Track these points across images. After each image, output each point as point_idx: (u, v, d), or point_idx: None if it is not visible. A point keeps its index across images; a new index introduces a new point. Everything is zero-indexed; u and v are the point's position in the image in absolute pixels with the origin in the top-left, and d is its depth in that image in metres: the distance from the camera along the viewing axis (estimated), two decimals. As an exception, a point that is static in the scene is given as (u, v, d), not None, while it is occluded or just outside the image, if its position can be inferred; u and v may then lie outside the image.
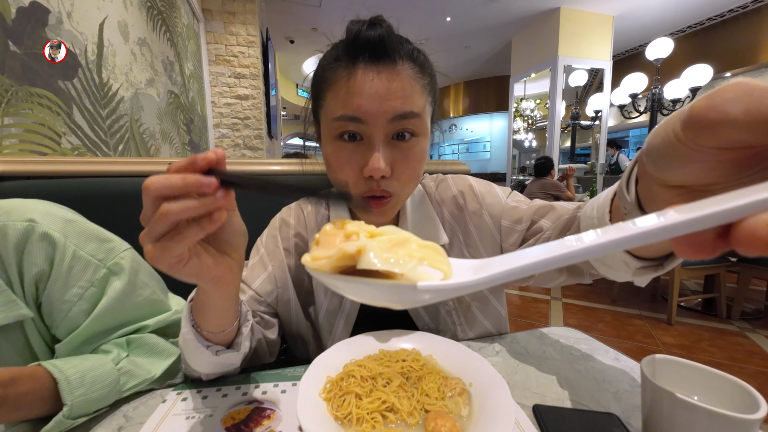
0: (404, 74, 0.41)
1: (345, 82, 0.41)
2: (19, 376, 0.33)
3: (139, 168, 0.81)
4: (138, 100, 1.58)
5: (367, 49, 0.40)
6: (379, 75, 0.40)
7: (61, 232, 0.40)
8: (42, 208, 0.41)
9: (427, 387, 0.38)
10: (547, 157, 3.36)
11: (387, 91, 0.40)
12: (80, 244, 0.41)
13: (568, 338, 0.55)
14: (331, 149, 0.44)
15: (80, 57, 1.14)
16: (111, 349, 0.44)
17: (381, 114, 0.41)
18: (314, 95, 0.47)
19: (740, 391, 0.30)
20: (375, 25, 0.41)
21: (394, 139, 0.43)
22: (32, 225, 0.38)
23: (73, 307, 0.40)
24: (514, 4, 4.12)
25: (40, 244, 0.38)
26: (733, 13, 4.36)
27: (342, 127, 0.42)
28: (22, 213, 0.39)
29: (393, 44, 0.41)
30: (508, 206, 0.54)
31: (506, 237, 0.53)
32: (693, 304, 2.38)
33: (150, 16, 1.79)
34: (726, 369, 0.30)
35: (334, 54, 0.44)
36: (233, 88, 3.14)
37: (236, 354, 0.40)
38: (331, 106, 0.43)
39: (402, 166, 0.43)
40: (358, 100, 0.40)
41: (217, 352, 0.38)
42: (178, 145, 2.17)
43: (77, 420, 0.36)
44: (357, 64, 0.41)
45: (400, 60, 0.41)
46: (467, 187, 0.57)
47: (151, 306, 0.47)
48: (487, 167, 7.84)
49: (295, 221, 0.58)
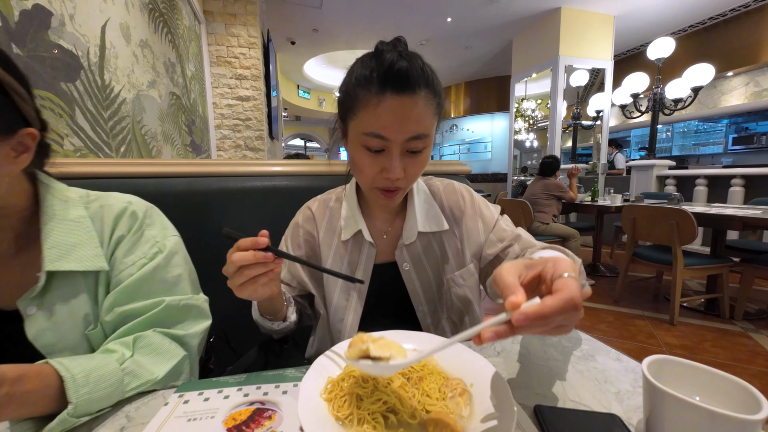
0: (421, 102, 0.50)
1: (374, 106, 0.50)
2: (26, 374, 0.34)
3: (140, 169, 0.82)
4: (140, 102, 1.58)
5: (394, 81, 0.48)
6: (403, 105, 0.49)
7: (142, 214, 0.53)
8: (134, 198, 0.55)
9: (428, 387, 0.38)
10: (554, 156, 3.19)
11: (407, 119, 0.50)
12: (149, 225, 0.54)
13: (569, 338, 0.55)
14: (359, 153, 0.54)
15: (82, 59, 1.15)
16: (116, 349, 0.44)
17: (400, 135, 0.50)
18: (344, 104, 0.55)
19: (742, 391, 0.30)
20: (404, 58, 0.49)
21: (408, 151, 0.53)
22: (129, 205, 0.53)
23: (126, 269, 0.49)
24: (514, 4, 4.12)
25: (129, 219, 0.52)
26: (734, 12, 4.35)
27: (369, 141, 0.52)
28: (122, 197, 0.54)
29: (415, 77, 0.49)
30: (499, 226, 0.66)
31: (488, 247, 0.65)
32: (696, 305, 2.37)
33: (152, 18, 1.80)
34: (729, 370, 0.30)
35: (364, 72, 0.51)
36: (234, 89, 3.15)
37: (289, 323, 0.60)
38: (361, 122, 0.52)
39: (411, 169, 0.54)
40: (384, 123, 0.50)
41: (277, 325, 0.59)
42: (179, 147, 2.18)
43: (81, 419, 0.37)
44: (385, 93, 0.49)
45: (419, 89, 0.49)
46: (468, 195, 0.69)
47: (174, 286, 0.52)
48: (488, 167, 7.83)
49: (303, 220, 0.68)
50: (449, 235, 0.65)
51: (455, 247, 0.65)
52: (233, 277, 0.43)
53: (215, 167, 0.89)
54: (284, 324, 0.59)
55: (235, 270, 0.42)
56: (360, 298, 0.63)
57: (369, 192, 0.59)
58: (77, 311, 0.47)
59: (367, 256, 0.63)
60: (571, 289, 0.29)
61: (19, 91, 0.42)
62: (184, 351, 0.50)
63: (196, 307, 0.54)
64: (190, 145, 2.42)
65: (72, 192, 0.51)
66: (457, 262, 0.65)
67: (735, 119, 5.40)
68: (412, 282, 0.63)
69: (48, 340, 0.44)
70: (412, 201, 0.65)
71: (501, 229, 0.65)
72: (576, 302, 0.28)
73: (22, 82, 0.42)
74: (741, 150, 5.38)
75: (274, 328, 0.59)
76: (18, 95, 0.42)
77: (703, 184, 3.36)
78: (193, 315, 0.53)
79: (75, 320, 0.47)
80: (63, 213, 0.48)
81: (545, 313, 0.28)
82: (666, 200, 2.68)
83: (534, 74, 4.72)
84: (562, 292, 0.29)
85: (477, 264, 0.66)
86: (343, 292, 0.64)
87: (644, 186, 3.74)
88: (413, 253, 0.64)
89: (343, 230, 0.64)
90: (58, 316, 0.45)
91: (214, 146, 3.12)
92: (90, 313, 0.48)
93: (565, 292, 0.29)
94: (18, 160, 0.43)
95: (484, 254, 0.65)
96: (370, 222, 0.65)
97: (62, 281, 0.46)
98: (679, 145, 6.24)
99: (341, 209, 0.67)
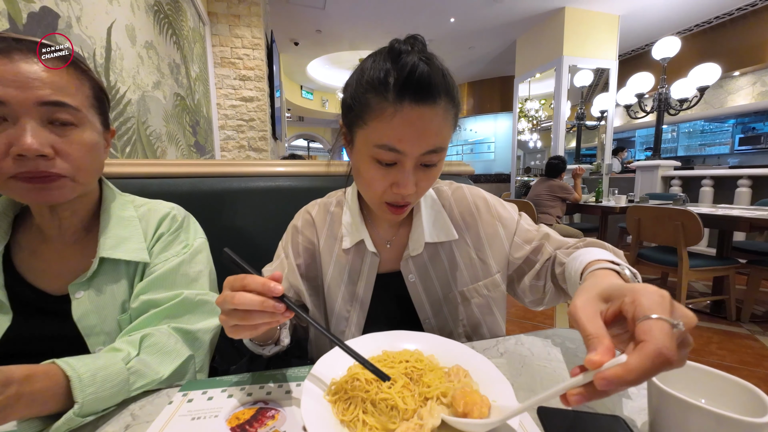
0: (441, 112, 0.45)
1: (390, 117, 0.44)
2: (34, 374, 0.34)
3: (145, 170, 0.82)
4: (145, 103, 1.59)
5: (415, 90, 0.42)
6: (422, 117, 0.44)
7: (181, 219, 0.61)
8: (176, 206, 0.63)
9: (428, 379, 0.38)
10: (561, 157, 3.13)
11: (425, 131, 0.45)
12: (185, 229, 0.60)
13: (573, 340, 0.54)
14: (367, 165, 0.49)
15: (89, 60, 1.16)
16: (122, 348, 0.45)
17: (417, 149, 0.45)
18: (353, 110, 0.48)
19: (749, 394, 0.29)
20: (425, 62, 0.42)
21: (422, 165, 0.48)
22: (172, 210, 0.61)
23: (158, 264, 0.55)
24: (518, 4, 4.11)
25: (170, 221, 0.59)
26: (741, 11, 4.30)
27: (381, 154, 0.46)
28: (167, 204, 0.62)
29: (437, 84, 0.43)
30: (522, 227, 0.62)
31: (515, 251, 0.60)
32: (701, 306, 2.35)
33: (157, 19, 1.81)
34: (735, 372, 0.30)
35: (378, 75, 0.44)
36: (238, 90, 3.17)
37: (281, 347, 0.50)
38: (373, 131, 0.46)
39: (423, 183, 0.50)
40: (400, 136, 0.44)
41: (268, 350, 0.49)
42: (183, 147, 2.19)
43: (87, 417, 0.37)
44: (403, 103, 0.43)
45: (439, 98, 0.44)
46: (482, 199, 0.64)
47: (195, 281, 0.57)
48: (491, 168, 7.80)
49: (302, 225, 0.64)
50: (460, 244, 0.61)
51: (468, 257, 0.61)
52: (229, 317, 0.35)
53: (219, 168, 0.89)
54: (276, 348, 0.50)
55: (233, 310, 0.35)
56: (362, 310, 0.60)
57: (376, 206, 0.54)
58: (117, 297, 0.53)
59: (369, 266, 0.59)
60: (656, 341, 0.24)
61: (108, 98, 0.54)
62: (189, 351, 0.50)
63: (210, 303, 0.56)
64: (194, 146, 2.43)
65: (124, 196, 0.61)
66: (471, 273, 0.60)
67: (742, 119, 5.35)
68: (418, 294, 0.60)
69: (90, 322, 0.50)
70: (418, 209, 0.60)
71: (525, 230, 0.61)
72: (666, 356, 0.23)
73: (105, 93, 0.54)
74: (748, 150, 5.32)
75: (264, 353, 0.50)
76: (108, 101, 0.54)
77: (709, 185, 3.33)
78: (207, 310, 0.56)
79: (114, 305, 0.52)
80: (119, 211, 0.56)
81: (630, 378, 0.23)
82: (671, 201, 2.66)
83: (538, 74, 4.70)
84: (647, 346, 0.24)
85: (505, 272, 0.62)
86: (345, 302, 0.60)
87: (649, 187, 3.71)
88: (419, 264, 0.59)
89: (345, 238, 0.60)
90: (101, 300, 0.51)
91: (218, 147, 3.13)
92: (127, 300, 0.54)
93: (650, 346, 0.24)
94: (107, 151, 0.55)
95: (511, 260, 0.60)
96: (373, 230, 0.61)
97: (109, 268, 0.53)
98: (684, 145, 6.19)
99: (342, 215, 0.63)
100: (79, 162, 0.47)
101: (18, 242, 0.53)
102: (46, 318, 0.51)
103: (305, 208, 0.67)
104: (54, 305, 0.51)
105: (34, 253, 0.53)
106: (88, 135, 0.48)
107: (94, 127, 0.50)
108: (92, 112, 0.50)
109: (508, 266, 0.61)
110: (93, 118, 0.50)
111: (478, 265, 0.61)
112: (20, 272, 0.51)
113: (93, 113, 0.50)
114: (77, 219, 0.54)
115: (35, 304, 0.51)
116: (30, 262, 0.52)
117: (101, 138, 0.52)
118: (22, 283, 0.51)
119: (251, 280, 0.35)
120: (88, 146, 0.48)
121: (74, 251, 0.54)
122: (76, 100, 0.46)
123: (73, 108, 0.46)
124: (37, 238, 0.53)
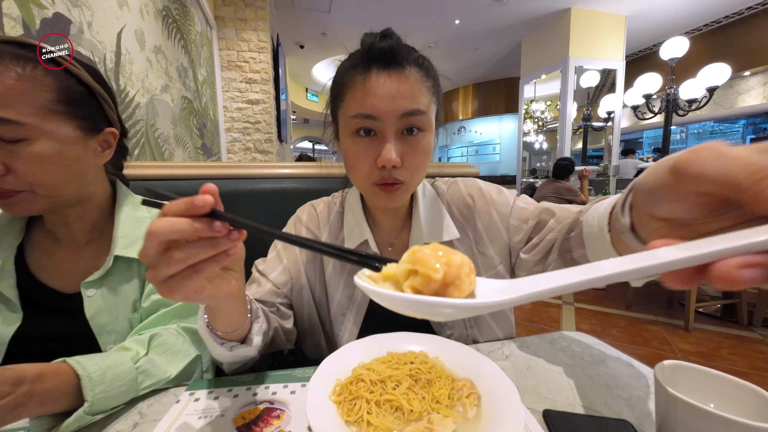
0: (411, 78, 0.47)
1: (361, 85, 0.47)
2: (45, 373, 0.35)
3: (153, 172, 0.84)
4: (153, 106, 1.62)
5: (380, 57, 0.46)
6: (390, 78, 0.46)
7: None
8: None
9: (438, 393, 0.38)
10: (569, 158, 3.06)
11: (397, 92, 0.46)
12: None
13: (579, 343, 0.54)
14: (349, 143, 0.50)
15: (99, 65, 1.18)
16: (131, 347, 0.46)
17: (392, 112, 0.46)
18: (333, 98, 0.53)
19: (758, 398, 0.29)
20: (386, 36, 0.47)
21: (404, 133, 0.48)
22: None
23: None
24: (523, 5, 4.09)
25: None
26: (752, 11, 4.24)
27: (358, 123, 0.48)
28: None
29: (401, 53, 0.47)
30: (517, 207, 0.58)
31: (513, 235, 0.57)
32: (712, 310, 2.31)
33: (165, 24, 1.84)
34: (746, 378, 0.29)
35: (351, 62, 0.50)
36: (244, 93, 3.20)
37: (249, 348, 0.43)
38: (349, 106, 0.49)
39: (410, 156, 0.49)
40: (372, 100, 0.46)
41: (232, 347, 0.42)
42: (191, 150, 2.22)
43: (96, 415, 0.38)
44: (371, 70, 0.46)
45: (407, 66, 0.47)
46: (476, 188, 0.62)
47: None
48: (496, 169, 7.76)
49: (307, 218, 0.64)
50: (463, 241, 0.60)
51: (470, 252, 0.59)
52: (157, 264, 0.26)
53: (225, 170, 0.90)
54: (242, 348, 0.41)
55: (159, 250, 0.26)
56: (359, 313, 0.58)
57: (368, 192, 0.52)
58: (129, 296, 0.53)
59: None
60: None
61: (105, 98, 0.52)
62: (196, 351, 0.51)
63: None
64: (201, 148, 2.46)
65: (137, 197, 0.61)
66: None
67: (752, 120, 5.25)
68: None
69: (102, 320, 0.51)
70: (417, 209, 0.59)
71: (520, 209, 0.57)
72: None
73: (108, 92, 0.53)
74: (759, 151, 5.22)
75: (225, 353, 0.40)
76: (104, 101, 0.52)
77: (719, 187, 3.27)
78: None
79: (126, 304, 0.53)
80: (132, 212, 0.57)
81: None
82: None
83: (543, 76, 4.67)
84: None
85: (507, 263, 0.59)
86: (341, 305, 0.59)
87: (657, 188, 3.65)
88: None
89: (347, 239, 0.60)
90: (113, 299, 0.52)
91: (225, 149, 3.16)
92: (138, 299, 0.54)
93: None
94: (103, 154, 0.52)
95: (511, 245, 0.57)
96: (375, 233, 0.61)
97: (122, 266, 0.53)
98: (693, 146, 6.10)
99: (345, 216, 0.62)
100: (31, 177, 0.44)
101: (32, 242, 0.54)
102: (57, 316, 0.52)
103: (310, 203, 0.67)
104: (65, 303, 0.52)
105: (47, 253, 0.54)
106: (41, 147, 0.43)
107: (55, 135, 0.44)
108: (52, 119, 0.44)
109: (510, 254, 0.58)
110: (53, 126, 0.44)
111: (479, 258, 0.59)
112: (32, 271, 0.52)
113: (54, 120, 0.44)
114: (86, 222, 0.55)
115: (46, 303, 0.51)
116: (42, 261, 0.53)
117: (75, 145, 0.47)
118: (34, 283, 0.52)
119: (170, 205, 0.26)
120: (40, 158, 0.43)
121: (86, 251, 0.55)
122: (20, 111, 0.41)
123: (12, 122, 0.40)
124: (50, 238, 0.54)
